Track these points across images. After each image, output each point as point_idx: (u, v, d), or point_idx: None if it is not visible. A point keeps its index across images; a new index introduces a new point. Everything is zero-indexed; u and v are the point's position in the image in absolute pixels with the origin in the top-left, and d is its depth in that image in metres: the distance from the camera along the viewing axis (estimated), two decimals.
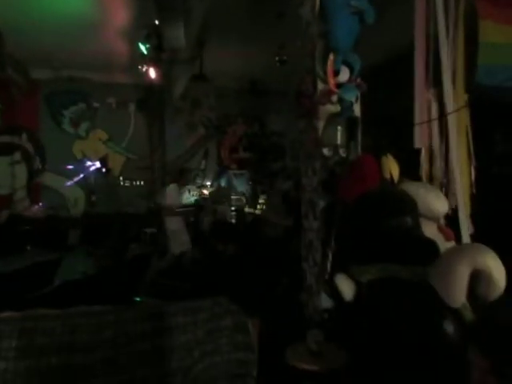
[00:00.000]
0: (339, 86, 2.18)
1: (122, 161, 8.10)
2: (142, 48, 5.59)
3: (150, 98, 7.98)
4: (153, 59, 5.78)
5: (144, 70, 6.01)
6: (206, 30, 5.22)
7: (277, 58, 6.01)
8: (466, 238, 2.49)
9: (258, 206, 7.25)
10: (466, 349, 1.41)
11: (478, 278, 1.80)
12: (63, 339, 1.64)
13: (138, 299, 3.87)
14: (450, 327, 1.88)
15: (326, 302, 2.61)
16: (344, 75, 2.16)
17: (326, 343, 2.32)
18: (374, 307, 2.08)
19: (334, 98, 2.24)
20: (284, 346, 2.44)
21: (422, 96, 2.88)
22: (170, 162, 7.97)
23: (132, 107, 8.13)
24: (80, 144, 7.92)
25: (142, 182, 7.98)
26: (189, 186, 7.40)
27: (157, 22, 4.96)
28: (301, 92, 2.62)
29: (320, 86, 2.52)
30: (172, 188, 5.41)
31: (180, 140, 8.14)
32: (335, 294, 2.25)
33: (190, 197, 7.45)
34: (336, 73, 2.15)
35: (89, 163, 7.83)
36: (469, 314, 1.93)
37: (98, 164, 7.85)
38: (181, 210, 5.53)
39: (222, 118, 8.39)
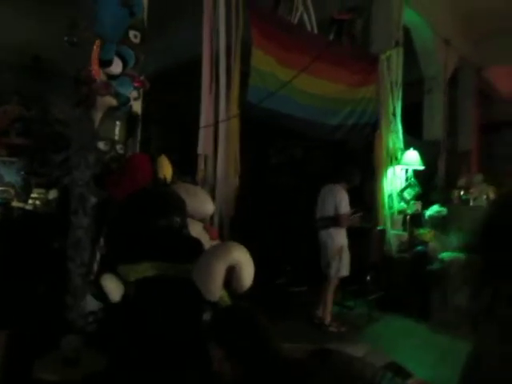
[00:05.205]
0: (114, 77, 2.10)
1: None
2: None
3: None
4: None
5: None
6: None
7: (66, 38, 5.40)
8: (227, 237, 2.76)
9: (30, 201, 6.31)
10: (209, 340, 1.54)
11: (232, 272, 2.01)
12: None
13: None
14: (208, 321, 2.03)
15: (92, 304, 2.45)
16: (117, 67, 2.09)
17: (86, 349, 2.17)
18: (140, 306, 2.07)
19: (112, 89, 2.14)
20: (40, 357, 2.18)
21: (207, 105, 3.06)
22: None
23: None
24: None
25: None
26: None
27: None
28: (79, 78, 2.42)
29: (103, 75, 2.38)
30: None
31: None
32: (101, 295, 2.14)
33: None
34: (109, 63, 2.06)
35: None
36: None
37: None
38: None
39: None
